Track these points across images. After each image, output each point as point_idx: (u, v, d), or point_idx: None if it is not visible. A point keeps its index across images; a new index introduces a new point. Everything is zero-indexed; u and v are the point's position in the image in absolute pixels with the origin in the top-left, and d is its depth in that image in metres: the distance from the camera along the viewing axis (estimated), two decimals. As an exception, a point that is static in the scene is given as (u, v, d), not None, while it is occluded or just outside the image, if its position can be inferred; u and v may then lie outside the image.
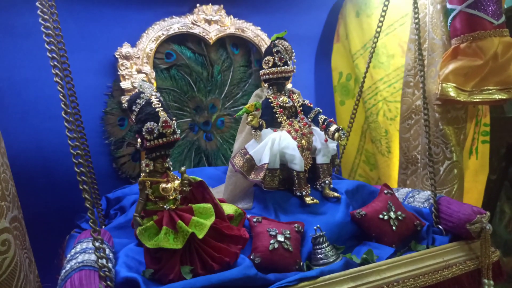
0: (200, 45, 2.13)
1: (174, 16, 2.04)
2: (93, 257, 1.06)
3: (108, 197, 1.70)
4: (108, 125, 1.96)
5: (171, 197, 1.13)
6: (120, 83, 1.93)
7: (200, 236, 1.09)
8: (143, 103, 1.14)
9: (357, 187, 1.55)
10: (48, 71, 1.97)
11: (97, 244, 1.01)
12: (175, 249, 1.08)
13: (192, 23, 2.06)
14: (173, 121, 1.15)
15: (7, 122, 1.76)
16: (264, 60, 1.57)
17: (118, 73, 1.93)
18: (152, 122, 1.11)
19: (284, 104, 1.54)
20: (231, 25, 2.14)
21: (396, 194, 1.66)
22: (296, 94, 1.60)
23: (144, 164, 1.13)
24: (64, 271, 1.04)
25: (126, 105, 1.46)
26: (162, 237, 1.07)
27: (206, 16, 2.08)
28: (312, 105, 1.57)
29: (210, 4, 2.09)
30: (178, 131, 1.17)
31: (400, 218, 1.40)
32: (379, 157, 2.28)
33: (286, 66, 1.54)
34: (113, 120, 1.97)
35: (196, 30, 2.07)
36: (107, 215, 1.67)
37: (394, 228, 1.38)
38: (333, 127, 1.44)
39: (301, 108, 1.56)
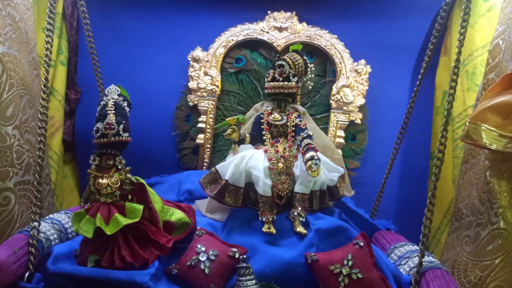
0: (272, 52, 2.13)
1: (246, 23, 2.10)
2: (42, 225, 1.29)
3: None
4: (177, 119, 2.20)
5: (105, 191, 1.25)
6: (188, 83, 2.14)
7: (109, 233, 1.18)
8: (102, 104, 1.29)
9: (336, 228, 1.33)
10: (141, 67, 2.31)
11: (34, 224, 1.23)
12: (92, 238, 1.21)
13: (261, 30, 2.08)
14: (122, 125, 1.26)
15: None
16: (267, 73, 1.49)
17: (188, 74, 2.14)
18: (100, 123, 1.26)
19: (274, 122, 1.44)
20: (303, 32, 2.06)
21: (398, 250, 1.35)
22: (298, 113, 1.47)
23: (92, 158, 1.29)
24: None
25: None
26: (82, 224, 1.21)
27: (276, 23, 2.06)
28: (305, 127, 1.41)
29: (282, 11, 2.06)
30: (125, 134, 1.27)
31: (353, 277, 1.16)
32: (456, 202, 1.82)
33: (286, 82, 1.43)
34: (181, 115, 2.19)
35: (265, 37, 2.08)
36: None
37: (341, 286, 1.15)
38: (308, 154, 1.28)
39: (293, 128, 1.43)
